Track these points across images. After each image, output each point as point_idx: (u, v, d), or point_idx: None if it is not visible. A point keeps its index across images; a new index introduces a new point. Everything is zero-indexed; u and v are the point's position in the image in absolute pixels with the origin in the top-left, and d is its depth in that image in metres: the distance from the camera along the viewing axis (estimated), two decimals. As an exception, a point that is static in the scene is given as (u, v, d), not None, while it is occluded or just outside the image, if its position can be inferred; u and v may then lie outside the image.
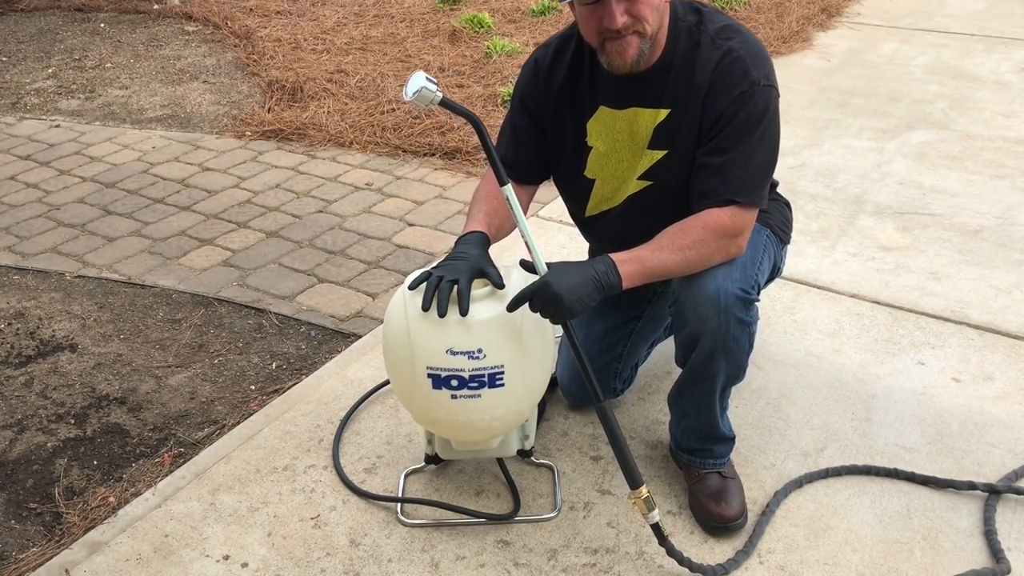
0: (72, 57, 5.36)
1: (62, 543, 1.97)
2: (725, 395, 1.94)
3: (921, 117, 4.19)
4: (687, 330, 1.83)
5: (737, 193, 1.75)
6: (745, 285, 1.78)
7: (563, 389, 2.28)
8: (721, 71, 1.77)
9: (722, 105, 1.76)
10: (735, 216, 1.75)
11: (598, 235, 2.14)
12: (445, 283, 1.70)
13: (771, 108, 1.78)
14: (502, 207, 1.83)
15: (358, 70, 4.79)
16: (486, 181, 1.97)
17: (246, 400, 2.43)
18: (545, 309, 1.67)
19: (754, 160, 1.77)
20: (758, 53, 1.79)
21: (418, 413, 1.89)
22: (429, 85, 1.61)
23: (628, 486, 1.78)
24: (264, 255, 3.17)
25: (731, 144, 1.76)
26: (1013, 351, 2.51)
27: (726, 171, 1.76)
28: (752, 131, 1.76)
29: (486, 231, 1.87)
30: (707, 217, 1.75)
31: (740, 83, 1.75)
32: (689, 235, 1.73)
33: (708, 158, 1.79)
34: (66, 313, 2.85)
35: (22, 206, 3.57)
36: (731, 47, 1.77)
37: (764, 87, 1.76)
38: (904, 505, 2.00)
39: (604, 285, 1.67)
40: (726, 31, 1.80)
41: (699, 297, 1.76)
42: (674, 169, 1.86)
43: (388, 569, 1.87)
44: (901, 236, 3.13)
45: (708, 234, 1.73)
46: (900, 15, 5.84)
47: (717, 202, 1.75)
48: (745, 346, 1.83)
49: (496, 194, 1.89)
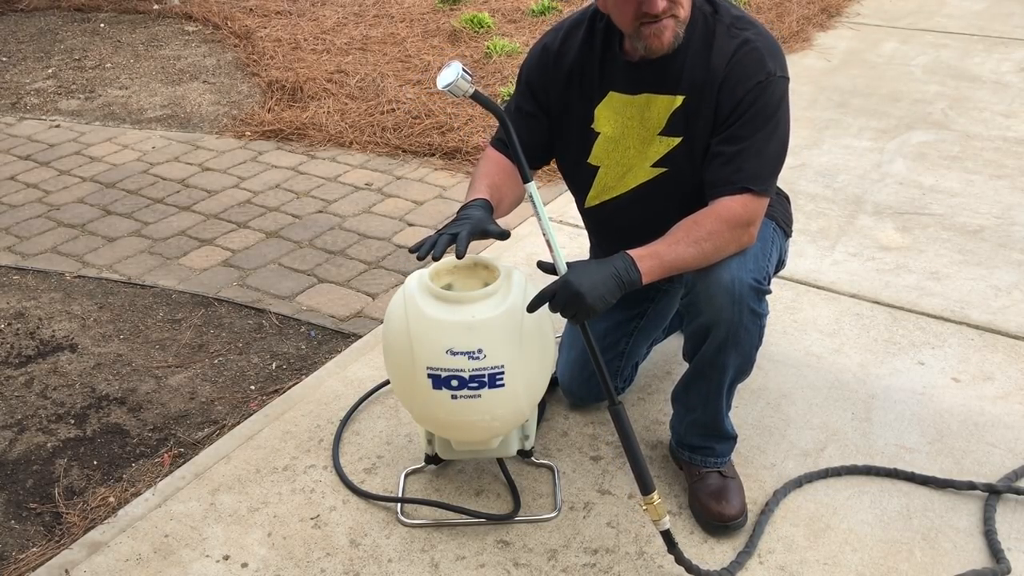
0: (72, 57, 5.36)
1: (62, 543, 1.97)
2: (732, 390, 1.94)
3: (921, 117, 4.19)
4: (700, 320, 1.83)
5: (751, 181, 1.76)
6: (758, 275, 1.80)
7: (563, 389, 2.28)
8: (738, 60, 1.78)
9: (739, 94, 1.77)
10: (748, 204, 1.76)
11: (601, 225, 2.13)
12: (444, 236, 1.68)
13: (785, 100, 1.80)
14: (503, 183, 1.84)
15: (358, 70, 4.79)
16: (486, 159, 1.97)
17: (246, 400, 2.43)
18: (567, 308, 1.66)
19: (768, 150, 1.79)
20: (773, 45, 1.81)
21: (418, 413, 1.89)
22: (465, 77, 1.59)
23: (640, 491, 1.77)
24: (264, 255, 3.17)
25: (747, 133, 1.77)
26: (1013, 351, 2.51)
27: (740, 159, 1.77)
28: (767, 121, 1.77)
29: (489, 199, 1.85)
30: (719, 208, 1.76)
31: (758, 73, 1.76)
32: (703, 227, 1.74)
33: (722, 146, 1.80)
34: (66, 313, 2.85)
35: (22, 206, 3.57)
36: (748, 37, 1.79)
37: (779, 78, 1.78)
38: (904, 505, 2.00)
39: (625, 282, 1.68)
40: (741, 21, 1.82)
41: (713, 287, 1.76)
42: (690, 156, 1.86)
43: (388, 569, 1.87)
44: (901, 236, 3.13)
45: (722, 224, 1.74)
46: (900, 15, 5.84)
47: (731, 190, 1.76)
48: (755, 339, 1.84)
49: (498, 171, 1.90)
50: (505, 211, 1.94)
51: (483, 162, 1.99)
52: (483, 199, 1.84)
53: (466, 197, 1.89)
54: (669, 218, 1.77)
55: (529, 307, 1.70)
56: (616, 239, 2.10)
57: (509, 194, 1.90)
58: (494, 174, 1.92)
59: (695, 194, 1.84)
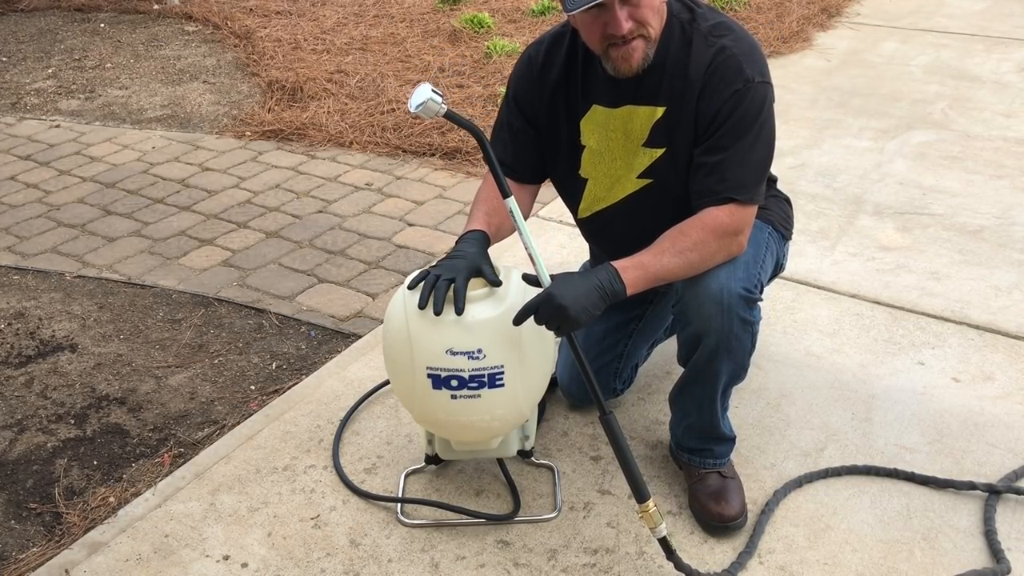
0: (72, 57, 5.36)
1: (62, 543, 1.97)
2: (727, 395, 1.94)
3: (921, 117, 4.19)
4: (690, 329, 1.83)
5: (735, 191, 1.75)
6: (748, 284, 1.78)
7: (563, 389, 2.28)
8: (715, 69, 1.76)
9: (717, 103, 1.76)
10: (734, 214, 1.75)
11: (596, 235, 2.14)
12: (442, 281, 1.70)
13: (766, 105, 1.78)
14: (502, 207, 1.83)
15: (358, 70, 4.79)
16: (487, 182, 1.97)
17: (246, 400, 2.43)
18: (551, 321, 1.66)
19: (751, 158, 1.78)
20: (751, 50, 1.79)
21: (418, 413, 1.89)
22: (435, 97, 1.59)
23: (635, 500, 1.77)
24: (264, 255, 3.17)
25: (728, 142, 1.76)
26: (1013, 351, 2.51)
27: (723, 169, 1.76)
28: (748, 128, 1.76)
29: (486, 230, 1.87)
30: (706, 218, 1.75)
31: (735, 81, 1.75)
32: (689, 237, 1.73)
33: (705, 156, 1.79)
34: (66, 313, 2.85)
35: (22, 206, 3.57)
36: (724, 45, 1.77)
37: (759, 84, 1.76)
38: (904, 505, 2.00)
39: (608, 294, 1.68)
40: (719, 28, 1.80)
41: (702, 296, 1.76)
42: (674, 166, 1.86)
43: (388, 569, 1.87)
44: (901, 236, 3.13)
45: (708, 234, 1.73)
46: (900, 15, 5.84)
47: (715, 200, 1.75)
48: (748, 346, 1.83)
49: (497, 195, 1.89)
50: (506, 235, 1.95)
51: (484, 184, 1.99)
52: (480, 231, 1.85)
53: (467, 223, 1.91)
54: (660, 227, 1.76)
55: (515, 320, 1.70)
56: (610, 247, 2.10)
57: (508, 220, 1.89)
58: (493, 197, 1.92)
59: (683, 203, 1.84)
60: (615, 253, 1.75)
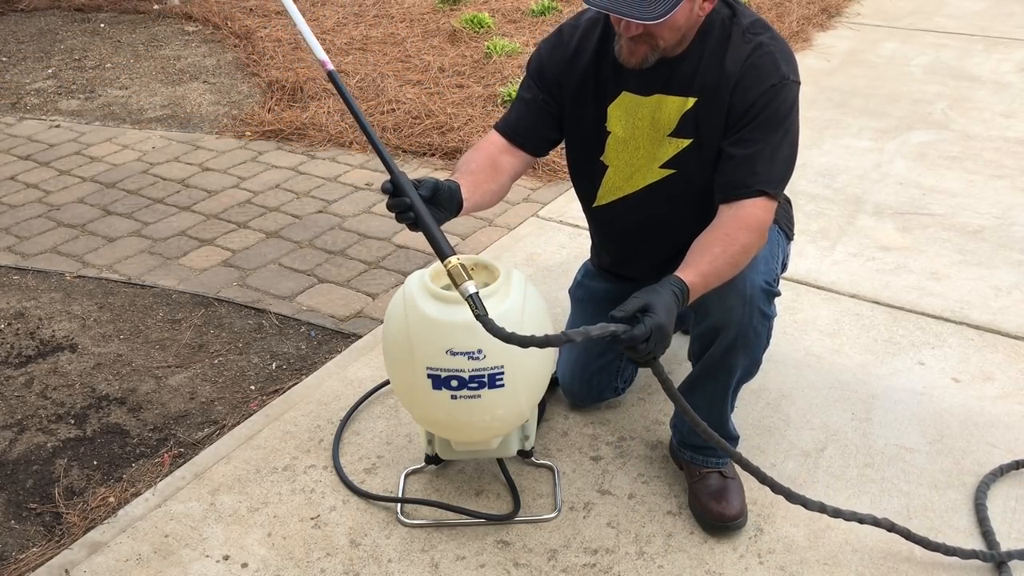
0: (72, 57, 5.36)
1: (62, 543, 1.97)
2: (737, 392, 1.95)
3: (921, 117, 4.19)
4: (709, 321, 1.83)
5: (766, 184, 1.76)
6: (768, 277, 1.81)
7: (563, 389, 2.28)
8: (752, 63, 1.78)
9: (752, 96, 1.77)
10: (767, 208, 1.76)
11: (606, 225, 2.12)
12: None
13: (796, 105, 1.81)
14: (484, 182, 1.82)
15: (358, 70, 4.79)
16: (476, 151, 1.92)
17: (246, 400, 2.43)
18: (656, 349, 1.56)
19: (780, 153, 1.79)
20: (786, 50, 1.82)
21: (418, 413, 1.89)
22: None
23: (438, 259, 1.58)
24: (264, 255, 3.17)
25: (760, 136, 1.77)
26: (1013, 351, 2.51)
27: (755, 162, 1.77)
28: (780, 125, 1.78)
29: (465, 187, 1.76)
30: (744, 217, 1.75)
31: (771, 76, 1.77)
32: (738, 240, 1.72)
33: (735, 148, 1.79)
34: (66, 313, 2.85)
35: (22, 206, 3.57)
36: (762, 41, 1.79)
37: (792, 83, 1.79)
38: (904, 505, 2.00)
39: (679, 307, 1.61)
40: (756, 26, 1.82)
41: (725, 288, 1.76)
42: (700, 158, 1.86)
43: (388, 569, 1.87)
44: (901, 236, 3.13)
45: (753, 234, 1.74)
46: (900, 15, 5.84)
47: (747, 193, 1.75)
48: (764, 340, 1.85)
49: (483, 168, 1.85)
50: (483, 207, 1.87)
51: (470, 152, 1.92)
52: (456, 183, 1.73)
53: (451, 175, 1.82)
54: (674, 219, 1.76)
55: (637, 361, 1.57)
56: (620, 238, 2.09)
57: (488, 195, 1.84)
58: (479, 170, 1.85)
59: (702, 196, 1.85)
60: (623, 244, 1.75)
